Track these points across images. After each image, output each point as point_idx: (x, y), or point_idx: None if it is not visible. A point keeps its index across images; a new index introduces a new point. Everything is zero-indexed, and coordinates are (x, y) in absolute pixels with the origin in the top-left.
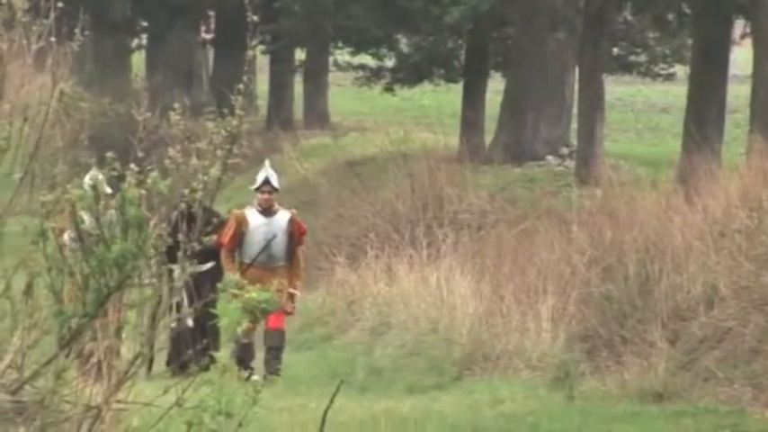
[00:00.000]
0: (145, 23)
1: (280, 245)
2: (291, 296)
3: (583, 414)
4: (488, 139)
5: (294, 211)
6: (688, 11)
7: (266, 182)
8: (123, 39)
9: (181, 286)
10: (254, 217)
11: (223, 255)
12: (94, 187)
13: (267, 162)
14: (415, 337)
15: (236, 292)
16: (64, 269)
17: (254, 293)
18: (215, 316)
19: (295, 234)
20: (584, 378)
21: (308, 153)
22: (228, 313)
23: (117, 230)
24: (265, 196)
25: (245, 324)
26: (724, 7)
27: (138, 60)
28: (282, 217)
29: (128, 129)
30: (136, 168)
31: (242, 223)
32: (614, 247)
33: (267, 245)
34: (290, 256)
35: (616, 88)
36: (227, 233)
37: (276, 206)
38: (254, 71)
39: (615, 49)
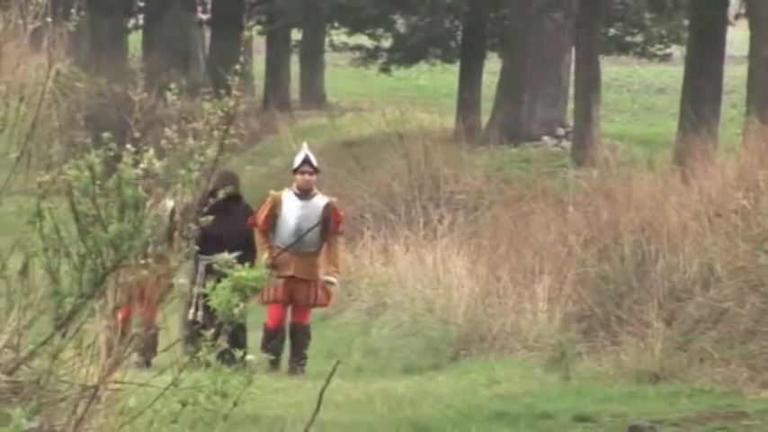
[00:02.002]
0: (141, 4)
1: (312, 230)
2: (324, 286)
3: (579, 394)
4: (485, 119)
5: (335, 198)
6: None
7: (306, 161)
8: (120, 19)
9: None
10: (289, 200)
11: (257, 234)
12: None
13: (305, 144)
14: (411, 317)
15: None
16: (60, 249)
17: (242, 272)
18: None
19: (330, 221)
20: (581, 358)
21: (305, 133)
22: (218, 293)
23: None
24: (305, 177)
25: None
26: None
27: (135, 40)
28: (319, 202)
29: (124, 109)
30: (132, 148)
31: (276, 205)
32: (610, 227)
33: (304, 233)
34: (323, 243)
35: (612, 68)
36: (261, 213)
37: (315, 190)
38: (250, 52)
39: (611, 30)
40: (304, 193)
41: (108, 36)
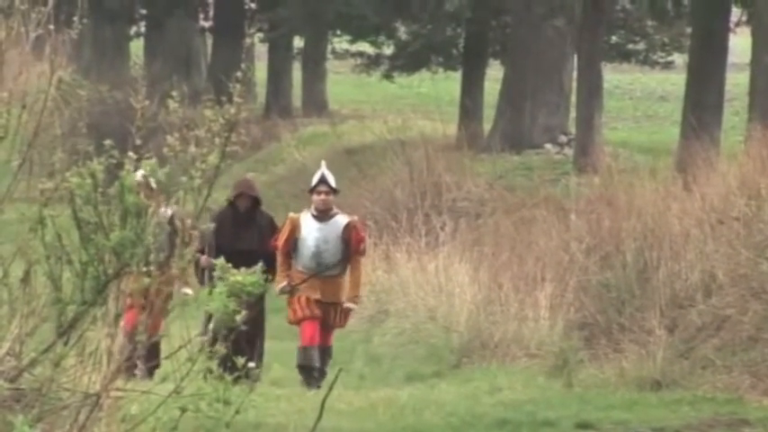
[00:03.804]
0: (143, 11)
1: (332, 253)
2: (346, 310)
3: (581, 402)
4: (487, 126)
5: (355, 217)
6: None
7: (322, 180)
8: (122, 26)
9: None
10: (307, 222)
11: (278, 257)
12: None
13: (323, 162)
14: (413, 325)
15: (222, 275)
16: (62, 257)
17: (239, 276)
18: (260, 320)
19: (351, 241)
20: (583, 366)
21: (307, 141)
22: (215, 299)
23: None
24: (321, 197)
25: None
26: None
27: (137, 48)
28: (338, 223)
29: (126, 116)
30: (134, 156)
31: (295, 228)
32: (612, 234)
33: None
34: (346, 264)
35: (614, 76)
36: (282, 236)
37: (334, 210)
38: (252, 59)
39: (613, 38)
40: (322, 214)
41: (110, 43)
